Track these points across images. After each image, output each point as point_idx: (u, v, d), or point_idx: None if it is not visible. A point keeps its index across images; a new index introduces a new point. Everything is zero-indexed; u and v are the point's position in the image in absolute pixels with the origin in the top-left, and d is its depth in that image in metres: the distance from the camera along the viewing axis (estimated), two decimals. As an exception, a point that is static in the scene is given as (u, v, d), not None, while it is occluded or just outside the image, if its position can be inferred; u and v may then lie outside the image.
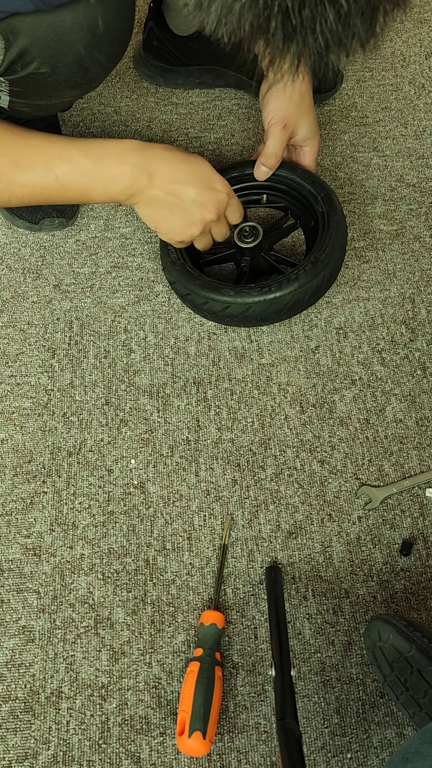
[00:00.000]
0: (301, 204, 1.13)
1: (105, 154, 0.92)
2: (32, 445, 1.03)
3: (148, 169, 0.93)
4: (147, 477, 1.01)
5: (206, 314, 1.06)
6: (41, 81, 0.87)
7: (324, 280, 1.02)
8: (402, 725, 0.88)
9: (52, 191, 0.93)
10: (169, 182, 0.95)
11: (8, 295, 1.15)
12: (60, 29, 0.82)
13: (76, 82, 0.90)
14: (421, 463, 1.03)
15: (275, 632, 0.86)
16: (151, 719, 0.88)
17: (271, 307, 1.01)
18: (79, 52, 0.85)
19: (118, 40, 0.89)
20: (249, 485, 1.01)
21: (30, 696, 0.89)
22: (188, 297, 1.05)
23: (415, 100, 1.37)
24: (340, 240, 1.05)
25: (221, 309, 1.02)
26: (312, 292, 1.02)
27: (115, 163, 0.92)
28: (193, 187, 0.96)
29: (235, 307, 1.02)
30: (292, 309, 1.03)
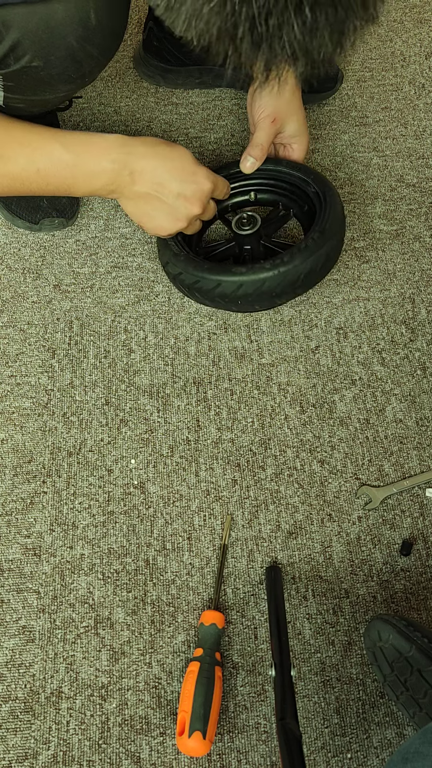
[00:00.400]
0: (292, 192, 1.13)
1: (87, 149, 0.92)
2: (32, 445, 1.03)
3: (130, 166, 0.93)
4: (147, 477, 1.01)
5: (218, 300, 1.02)
6: (34, 75, 0.87)
7: (333, 248, 1.01)
8: (402, 725, 0.88)
9: (33, 183, 0.93)
10: (151, 180, 0.95)
11: (8, 295, 1.15)
12: (52, 22, 0.82)
13: (70, 76, 0.90)
14: (421, 463, 1.03)
15: (275, 632, 0.86)
16: (151, 719, 0.88)
17: (285, 280, 0.98)
18: (72, 45, 0.85)
19: (111, 33, 0.89)
20: (249, 485, 1.01)
21: (30, 696, 0.89)
22: (197, 285, 1.02)
23: (415, 100, 1.37)
24: (340, 211, 1.05)
25: (234, 289, 0.99)
26: (323, 261, 1.00)
27: (96, 160, 0.92)
28: (176, 182, 0.96)
29: (248, 285, 0.98)
30: (306, 280, 1.00)
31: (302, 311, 1.15)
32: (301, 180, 1.10)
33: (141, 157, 0.94)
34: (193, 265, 1.02)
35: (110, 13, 0.86)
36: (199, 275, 1.01)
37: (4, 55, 0.84)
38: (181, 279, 1.04)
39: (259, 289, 0.99)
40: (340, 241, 1.04)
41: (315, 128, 1.33)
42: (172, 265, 1.05)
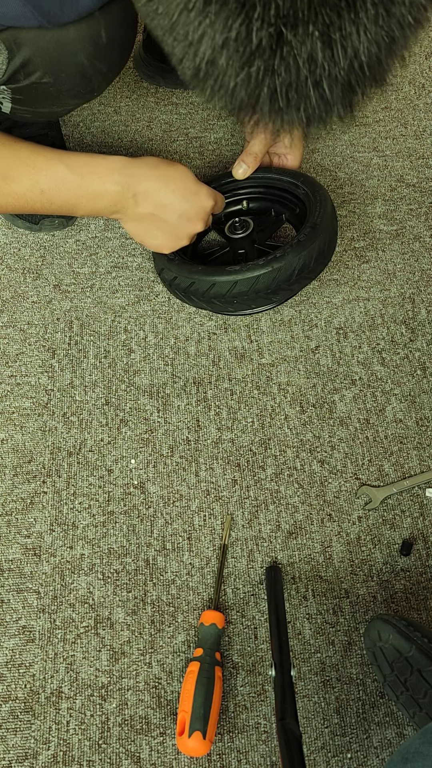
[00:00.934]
0: (283, 198, 1.14)
1: (91, 171, 0.93)
2: (32, 445, 1.03)
3: (133, 189, 0.94)
4: (147, 477, 1.01)
5: (214, 302, 1.03)
6: (43, 90, 0.88)
7: (325, 243, 1.02)
8: (402, 725, 0.88)
9: (37, 203, 0.94)
10: (154, 201, 0.96)
11: (8, 295, 1.15)
12: (63, 40, 0.82)
13: (79, 92, 0.91)
14: (421, 463, 1.03)
15: (275, 632, 0.86)
16: (151, 719, 0.88)
17: (279, 275, 0.99)
18: (82, 63, 0.85)
19: (121, 50, 0.90)
20: (249, 485, 1.01)
21: (30, 696, 0.89)
22: (192, 287, 1.02)
23: (415, 100, 1.37)
24: (330, 207, 1.06)
25: (229, 288, 1.00)
26: (316, 255, 1.00)
27: (100, 181, 0.93)
28: (178, 202, 0.97)
29: (243, 283, 0.99)
30: (300, 276, 1.00)
31: (302, 311, 1.15)
32: (290, 184, 1.11)
33: (144, 179, 0.95)
34: (187, 269, 1.03)
35: (121, 31, 0.87)
36: (194, 277, 1.02)
37: (14, 71, 0.84)
38: (176, 284, 1.05)
39: (253, 287, 0.99)
40: (332, 236, 1.04)
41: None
42: (167, 271, 1.06)
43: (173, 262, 1.05)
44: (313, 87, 0.51)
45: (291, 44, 0.47)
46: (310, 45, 0.47)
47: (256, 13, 0.46)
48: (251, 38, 0.47)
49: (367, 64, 0.50)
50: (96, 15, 0.83)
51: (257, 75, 0.50)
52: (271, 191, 1.14)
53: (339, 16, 0.46)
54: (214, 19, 0.47)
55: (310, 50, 0.48)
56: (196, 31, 0.49)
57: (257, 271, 0.98)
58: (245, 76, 0.50)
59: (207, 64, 0.51)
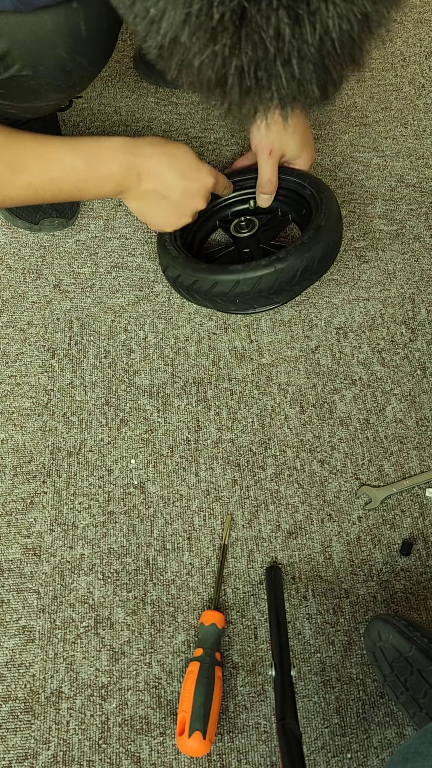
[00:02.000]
0: (289, 198, 1.14)
1: (96, 154, 0.94)
2: (32, 445, 1.03)
3: (137, 167, 0.95)
4: (147, 477, 1.01)
5: (216, 300, 1.03)
6: (24, 84, 0.87)
7: (329, 245, 1.02)
8: (402, 725, 0.88)
9: (46, 192, 0.95)
10: (157, 179, 0.97)
11: (8, 295, 1.15)
12: (41, 32, 0.82)
13: (59, 86, 0.90)
14: (421, 463, 1.03)
15: (275, 632, 0.86)
16: (151, 719, 0.88)
17: (282, 276, 0.99)
18: (61, 56, 0.85)
19: (102, 45, 0.89)
20: (249, 485, 1.01)
21: (30, 696, 0.89)
22: (195, 285, 1.02)
23: (415, 100, 1.37)
24: (336, 209, 1.06)
25: (231, 288, 1.00)
26: (320, 257, 1.01)
27: (106, 164, 0.94)
28: (180, 180, 0.98)
29: (245, 283, 0.99)
30: (302, 278, 1.01)
31: (302, 311, 1.15)
32: (297, 184, 1.11)
33: (147, 157, 0.96)
34: (191, 266, 1.03)
35: (101, 25, 0.86)
36: (198, 275, 1.02)
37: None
38: (180, 281, 1.05)
39: (255, 287, 0.99)
40: (337, 238, 1.04)
41: (315, 128, 1.33)
42: (172, 269, 1.06)
43: (177, 259, 1.05)
44: (282, 65, 0.48)
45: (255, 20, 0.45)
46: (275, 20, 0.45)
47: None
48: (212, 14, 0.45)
49: (338, 41, 0.48)
50: (74, 7, 0.82)
51: (222, 53, 0.48)
52: (278, 191, 1.14)
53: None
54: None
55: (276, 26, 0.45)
56: (155, 5, 0.47)
57: (259, 271, 0.98)
58: (210, 55, 0.48)
59: (170, 42, 0.49)
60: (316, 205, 1.06)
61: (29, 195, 0.94)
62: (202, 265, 1.03)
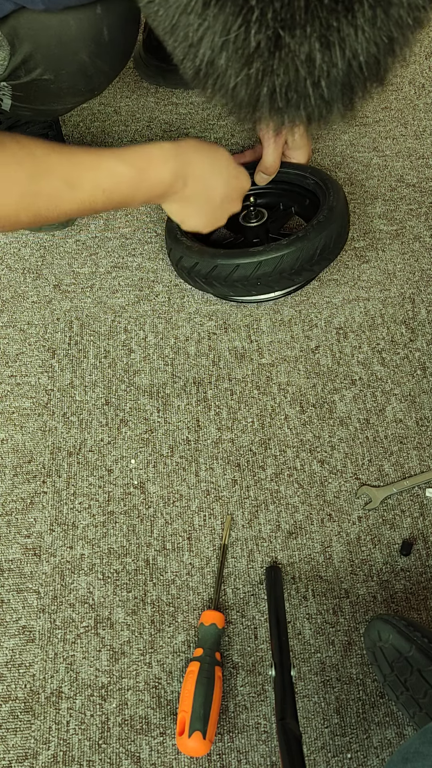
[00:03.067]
0: (291, 191, 1.15)
1: (147, 162, 0.94)
2: (32, 445, 1.03)
3: (183, 173, 0.96)
4: (147, 477, 1.01)
5: (236, 285, 1.04)
6: (44, 87, 0.88)
7: (342, 225, 1.05)
8: (402, 725, 0.88)
9: (98, 204, 0.94)
10: (201, 184, 0.97)
11: (8, 295, 1.15)
12: (65, 37, 0.82)
13: (79, 90, 0.91)
14: (421, 463, 1.03)
15: (275, 632, 0.86)
16: (151, 719, 0.88)
17: (303, 255, 1.01)
18: (83, 61, 0.85)
19: (122, 50, 0.90)
20: (249, 485, 1.01)
21: (30, 696, 0.89)
22: (214, 272, 1.03)
23: (415, 100, 1.37)
24: (342, 194, 1.08)
25: (253, 270, 1.01)
26: (335, 236, 1.03)
27: (156, 172, 0.94)
28: (221, 185, 0.99)
29: (267, 263, 1.00)
30: (321, 257, 1.03)
31: (302, 311, 1.15)
32: (298, 176, 1.13)
33: (193, 164, 0.96)
34: (210, 254, 1.04)
35: (123, 31, 0.87)
36: (216, 261, 1.03)
37: (15, 67, 0.84)
38: (197, 270, 1.05)
39: (278, 266, 1.01)
40: (347, 219, 1.07)
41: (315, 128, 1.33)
42: (188, 258, 1.06)
43: (192, 249, 1.06)
44: (312, 87, 0.51)
45: (289, 46, 0.48)
46: (308, 47, 0.48)
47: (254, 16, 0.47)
48: (249, 40, 0.48)
49: (365, 63, 0.51)
50: (98, 13, 0.83)
51: (257, 76, 0.51)
52: (279, 185, 1.15)
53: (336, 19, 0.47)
54: (212, 22, 0.48)
55: (308, 52, 0.49)
56: (195, 33, 0.50)
57: (282, 250, 1.00)
58: (245, 77, 0.51)
59: (207, 65, 0.52)
60: (323, 191, 1.08)
61: (83, 208, 0.94)
62: (220, 251, 1.04)
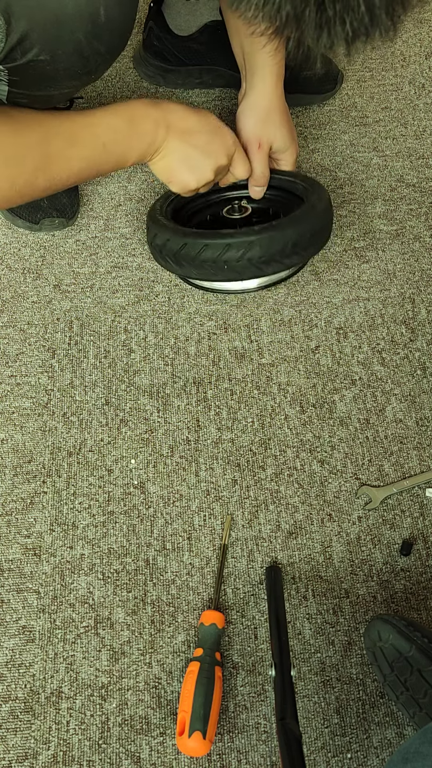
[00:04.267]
0: (280, 197, 1.14)
1: (132, 112, 0.96)
2: (32, 445, 1.03)
3: (166, 121, 0.97)
4: (147, 477, 1.01)
5: (203, 266, 1.02)
6: (40, 70, 0.87)
7: (320, 224, 1.04)
8: (402, 725, 0.88)
9: (101, 160, 0.96)
10: (182, 131, 0.98)
11: (8, 295, 1.15)
12: (61, 15, 0.82)
13: (76, 72, 0.91)
14: (421, 463, 1.03)
15: (275, 632, 0.86)
16: (151, 719, 0.88)
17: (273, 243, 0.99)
18: (80, 41, 0.85)
19: (119, 31, 0.90)
20: (249, 485, 1.01)
21: (30, 696, 0.89)
22: (183, 250, 1.01)
23: (415, 100, 1.37)
24: (326, 197, 1.08)
25: (221, 252, 0.99)
26: (311, 233, 1.02)
27: (142, 121, 0.96)
28: (204, 134, 1.00)
29: (235, 246, 0.99)
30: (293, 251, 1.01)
31: (302, 311, 1.15)
32: (287, 182, 1.13)
33: (173, 111, 0.98)
34: (181, 232, 1.03)
35: (120, 11, 0.87)
36: (207, 242, 1.01)
37: (11, 48, 0.84)
38: (168, 248, 1.03)
39: (246, 252, 0.99)
40: (327, 222, 1.06)
41: (315, 128, 1.33)
42: (160, 236, 1.05)
43: (166, 227, 1.05)
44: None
45: None
46: None
47: None
48: None
49: None
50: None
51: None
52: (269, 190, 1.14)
53: None
54: None
55: None
56: None
57: (252, 236, 0.99)
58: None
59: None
60: (308, 193, 1.08)
61: (90, 166, 0.96)
62: (191, 231, 1.03)
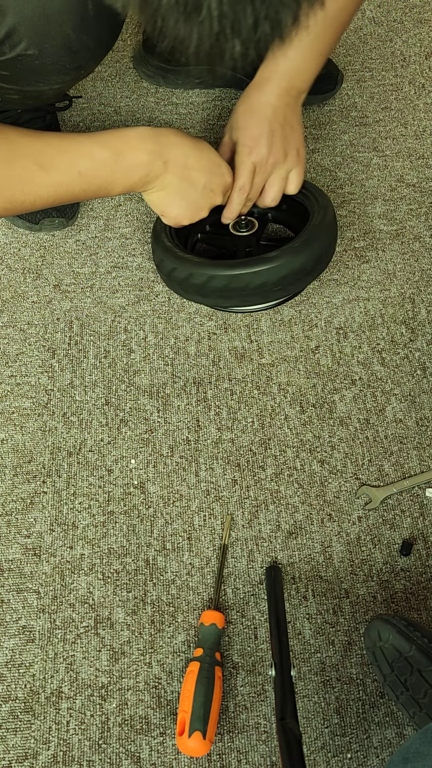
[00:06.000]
0: (284, 208, 1.14)
1: (123, 144, 0.93)
2: (32, 445, 1.03)
3: (164, 156, 0.95)
4: (147, 477, 1.01)
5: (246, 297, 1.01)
6: (29, 64, 0.87)
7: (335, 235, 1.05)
8: (402, 725, 0.88)
9: (76, 188, 0.94)
10: (182, 168, 0.97)
11: (8, 295, 1.15)
12: (49, 9, 0.81)
13: (65, 67, 0.90)
14: (421, 463, 1.03)
15: (275, 632, 0.86)
16: (151, 719, 0.88)
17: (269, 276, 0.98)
18: (68, 35, 0.85)
19: (108, 25, 0.89)
20: (249, 485, 1.01)
21: (30, 696, 0.89)
22: (210, 283, 1.00)
23: (415, 100, 1.37)
24: (332, 213, 1.07)
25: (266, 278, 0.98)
26: (331, 243, 1.04)
27: (134, 153, 0.94)
28: (203, 173, 0.98)
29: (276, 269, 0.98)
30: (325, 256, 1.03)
31: (302, 311, 1.15)
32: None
33: (172, 146, 0.96)
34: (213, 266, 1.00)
35: (108, 5, 0.86)
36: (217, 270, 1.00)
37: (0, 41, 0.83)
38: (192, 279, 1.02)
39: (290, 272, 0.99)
40: (331, 242, 1.05)
41: (315, 128, 1.33)
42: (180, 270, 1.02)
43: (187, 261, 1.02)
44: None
45: None
46: None
47: None
48: None
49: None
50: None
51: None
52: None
53: None
54: None
55: None
56: None
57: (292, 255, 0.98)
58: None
59: None
60: (312, 207, 1.06)
61: (59, 194, 0.93)
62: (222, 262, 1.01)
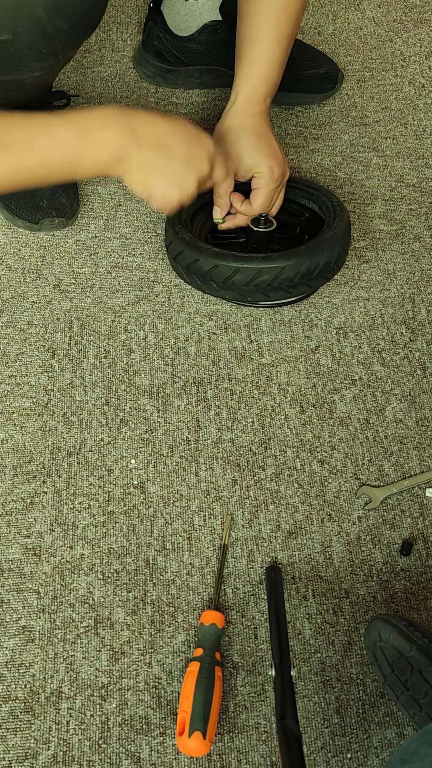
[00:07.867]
0: (293, 211, 1.14)
1: (87, 122, 0.87)
2: (32, 445, 1.03)
3: (134, 131, 0.88)
4: (147, 477, 1.01)
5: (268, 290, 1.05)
6: (4, 50, 0.85)
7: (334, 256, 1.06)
8: (402, 725, 0.88)
9: (36, 168, 0.87)
10: (156, 140, 0.90)
11: (8, 295, 1.15)
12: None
13: (40, 51, 0.87)
14: (421, 463, 1.03)
15: (275, 632, 0.86)
16: (151, 719, 0.88)
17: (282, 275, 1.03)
18: (40, 17, 0.82)
19: (83, 7, 0.86)
20: (249, 485, 1.01)
21: (30, 696, 0.89)
22: (235, 275, 1.03)
23: (415, 100, 1.37)
24: (347, 220, 1.09)
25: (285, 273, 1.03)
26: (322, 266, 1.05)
27: (99, 130, 0.87)
28: (180, 141, 0.91)
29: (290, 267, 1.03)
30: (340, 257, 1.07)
31: (302, 311, 1.15)
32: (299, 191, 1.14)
33: (144, 122, 0.90)
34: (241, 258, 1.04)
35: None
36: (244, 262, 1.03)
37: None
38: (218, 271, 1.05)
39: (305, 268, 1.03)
40: (343, 249, 1.08)
41: (315, 128, 1.33)
42: (204, 261, 1.05)
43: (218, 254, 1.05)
44: None
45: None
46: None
47: None
48: None
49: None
50: None
51: None
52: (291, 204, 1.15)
53: None
54: None
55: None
56: None
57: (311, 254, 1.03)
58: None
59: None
60: (328, 215, 1.09)
61: (19, 176, 0.87)
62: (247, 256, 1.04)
